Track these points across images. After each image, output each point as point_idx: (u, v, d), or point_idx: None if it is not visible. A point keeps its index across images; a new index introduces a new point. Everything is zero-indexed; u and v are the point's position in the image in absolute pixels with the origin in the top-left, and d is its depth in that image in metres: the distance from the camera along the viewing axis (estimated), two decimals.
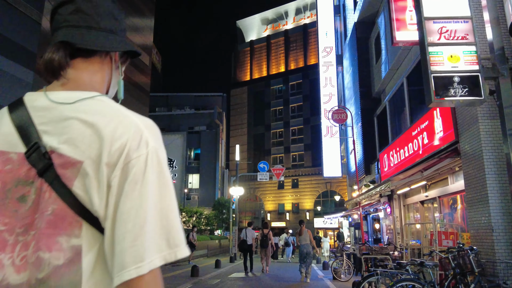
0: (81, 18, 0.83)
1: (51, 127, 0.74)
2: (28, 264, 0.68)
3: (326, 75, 21.36)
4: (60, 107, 0.76)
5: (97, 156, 0.70)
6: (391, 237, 12.90)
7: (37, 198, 0.71)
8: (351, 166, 19.36)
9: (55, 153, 0.72)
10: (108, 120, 0.73)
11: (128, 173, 0.69)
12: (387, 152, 12.15)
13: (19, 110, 0.78)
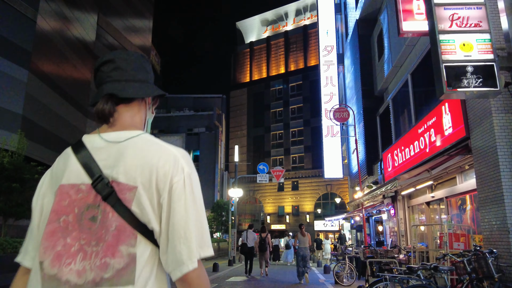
0: (120, 74, 1.07)
1: (109, 162, 0.97)
2: (98, 268, 0.90)
3: (327, 74, 20.94)
4: (114, 145, 0.99)
5: (148, 182, 0.94)
6: (395, 239, 12.45)
7: (103, 218, 0.93)
8: (353, 167, 18.91)
9: (115, 182, 0.95)
10: (153, 153, 0.97)
11: (172, 194, 0.94)
12: (391, 152, 11.72)
13: (82, 151, 1.01)
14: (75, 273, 0.90)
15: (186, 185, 0.95)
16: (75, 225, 0.95)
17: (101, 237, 0.92)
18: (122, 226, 0.92)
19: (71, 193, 0.97)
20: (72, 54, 23.60)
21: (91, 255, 0.91)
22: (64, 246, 0.93)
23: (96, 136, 1.03)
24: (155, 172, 0.94)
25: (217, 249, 27.04)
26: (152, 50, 58.58)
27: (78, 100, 24.34)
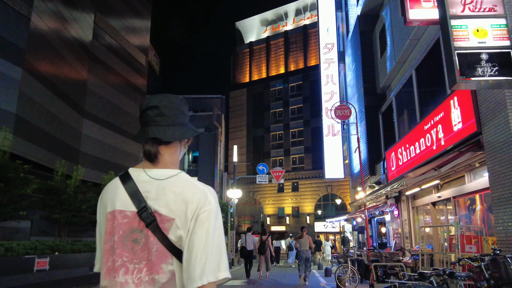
0: (163, 119, 1.24)
1: (152, 195, 1.17)
2: (142, 282, 1.11)
3: (328, 73, 20.49)
4: (157, 181, 1.18)
5: (183, 214, 1.13)
6: (399, 241, 11.99)
7: (146, 241, 1.13)
8: (354, 167, 18.46)
9: (157, 213, 1.14)
10: (188, 190, 1.16)
11: (197, 221, 1.12)
12: (395, 150, 11.27)
13: (129, 182, 1.20)
14: (119, 284, 1.12)
15: (210, 216, 1.14)
16: (119, 244, 1.15)
17: (144, 257, 1.13)
18: (161, 249, 1.13)
19: (118, 217, 1.17)
20: (69, 53, 23.18)
21: (133, 271, 1.12)
22: (112, 262, 1.15)
23: (141, 171, 1.23)
24: (189, 206, 1.14)
25: None
26: (151, 50, 58.16)
27: (74, 99, 23.92)
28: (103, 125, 27.79)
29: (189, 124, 1.31)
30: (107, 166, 27.44)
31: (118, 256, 1.14)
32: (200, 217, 1.12)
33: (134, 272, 1.12)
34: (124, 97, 31.24)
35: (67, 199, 9.97)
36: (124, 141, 30.10)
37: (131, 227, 1.15)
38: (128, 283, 1.11)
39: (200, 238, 1.10)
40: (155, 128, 1.23)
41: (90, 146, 26.03)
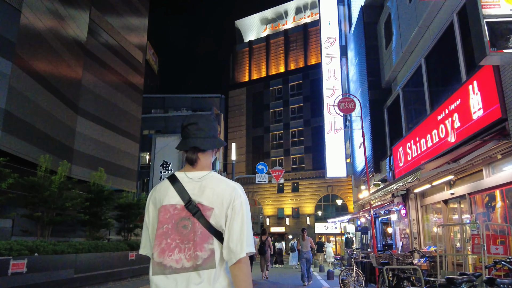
0: (201, 133, 1.62)
1: (195, 192, 1.55)
2: (191, 257, 1.47)
3: (329, 67, 19.77)
4: (196, 181, 1.57)
5: (220, 204, 1.52)
6: (406, 242, 11.26)
7: (192, 226, 1.50)
8: (357, 165, 17.73)
9: (200, 204, 1.52)
10: (221, 186, 1.55)
11: (233, 211, 1.51)
12: (403, 145, 10.54)
13: (177, 183, 1.58)
14: (174, 261, 1.49)
15: (242, 206, 1.55)
16: (173, 230, 1.53)
17: (191, 239, 1.50)
18: (204, 232, 1.51)
19: (170, 210, 1.55)
20: (63, 49, 22.43)
21: (184, 249, 1.49)
22: (166, 244, 1.51)
23: (183, 174, 1.62)
24: (223, 198, 1.54)
25: None
26: (149, 49, 57.49)
27: (68, 96, 23.18)
28: (98, 123, 27.04)
29: (219, 137, 1.71)
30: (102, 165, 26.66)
31: (172, 240, 1.52)
32: (234, 208, 1.54)
33: (185, 250, 1.50)
34: (120, 94, 30.51)
35: (51, 196, 9.26)
36: (120, 139, 29.36)
37: (180, 216, 1.54)
38: (182, 259, 1.49)
39: (237, 223, 1.52)
40: (195, 140, 1.62)
41: (84, 144, 25.27)
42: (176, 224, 1.51)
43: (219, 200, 1.52)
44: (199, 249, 1.47)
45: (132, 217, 14.66)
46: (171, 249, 1.49)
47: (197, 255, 1.47)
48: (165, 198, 1.55)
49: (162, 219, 1.53)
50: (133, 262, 12.67)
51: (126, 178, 29.76)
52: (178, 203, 1.53)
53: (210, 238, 1.50)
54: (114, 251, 11.49)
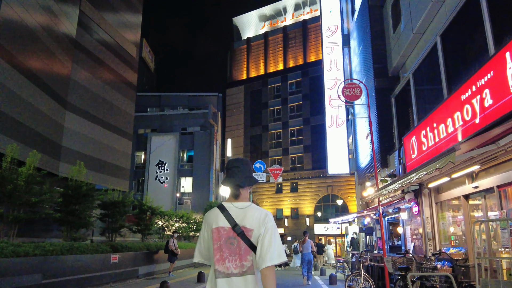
0: (241, 173, 2.19)
1: (239, 217, 2.10)
2: (238, 266, 2.05)
3: (331, 58, 18.62)
4: (240, 209, 2.12)
5: (257, 227, 2.08)
6: (419, 243, 10.09)
7: (237, 244, 2.06)
8: (361, 161, 16.58)
9: (243, 227, 2.07)
10: (257, 214, 2.11)
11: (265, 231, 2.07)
12: (416, 134, 9.39)
13: (225, 211, 2.13)
14: (225, 268, 2.06)
15: (272, 228, 2.12)
16: (223, 246, 2.09)
17: (237, 252, 2.05)
18: (246, 248, 2.06)
19: (221, 231, 2.11)
20: (50, 41, 21.25)
21: (232, 260, 2.04)
22: (220, 256, 2.08)
23: (230, 204, 2.19)
24: (259, 221, 2.10)
25: None
26: (145, 47, 56.33)
27: (56, 90, 21.99)
28: (89, 118, 25.84)
29: (254, 176, 2.32)
30: (92, 162, 25.50)
31: (224, 253, 2.10)
32: (266, 229, 2.11)
33: (233, 261, 2.08)
34: (113, 90, 29.31)
35: (16, 190, 8.07)
36: (112, 136, 28.15)
37: (228, 236, 2.12)
38: (231, 267, 2.08)
39: (267, 240, 2.08)
40: (237, 179, 2.22)
41: (73, 140, 24.07)
42: (225, 241, 2.12)
43: (255, 224, 2.12)
44: (244, 260, 2.10)
45: (117, 216, 13.47)
46: (223, 259, 2.11)
47: (243, 264, 2.10)
48: (216, 222, 2.17)
49: (215, 237, 2.15)
50: (116, 265, 11.48)
51: (118, 176, 28.54)
52: (226, 226, 2.14)
53: (250, 252, 2.11)
54: (92, 253, 10.30)
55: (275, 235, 2.10)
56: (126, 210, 13.63)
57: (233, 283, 2.05)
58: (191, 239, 24.35)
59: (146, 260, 13.87)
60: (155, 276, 14.63)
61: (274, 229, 2.13)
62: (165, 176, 44.91)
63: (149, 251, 14.29)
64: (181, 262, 18.40)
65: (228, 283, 2.05)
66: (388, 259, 6.77)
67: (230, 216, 2.12)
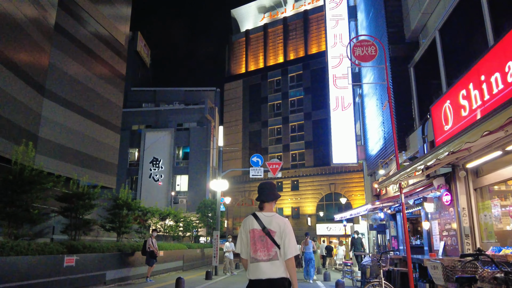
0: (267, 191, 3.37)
1: (267, 223, 3.23)
2: (266, 255, 3.13)
3: (335, 32, 16.41)
4: (267, 217, 3.25)
5: (279, 230, 3.19)
6: (453, 242, 7.86)
7: (266, 240, 3.17)
8: (371, 148, 14.34)
9: (270, 230, 3.19)
10: (279, 221, 3.24)
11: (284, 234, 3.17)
12: (451, 97, 7.16)
13: (258, 218, 3.26)
14: (258, 256, 3.10)
15: (289, 232, 3.18)
16: (257, 241, 3.16)
17: (265, 246, 3.11)
18: (271, 243, 3.11)
19: (255, 232, 3.18)
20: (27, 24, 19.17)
21: (262, 251, 3.10)
22: (254, 248, 3.15)
23: (261, 213, 3.27)
24: (280, 226, 3.16)
25: (201, 257, 22.38)
26: (140, 41, 54.26)
27: (30, 74, 19.86)
28: (70, 108, 23.64)
29: (276, 193, 3.40)
30: (74, 156, 23.38)
31: (257, 246, 3.12)
32: (285, 231, 3.13)
33: (262, 251, 3.08)
34: (98, 79, 27.12)
35: None
36: (97, 128, 25.97)
37: (260, 235, 3.14)
38: (261, 255, 3.07)
39: (287, 240, 3.10)
40: (264, 196, 3.32)
41: (51, 131, 21.88)
42: (258, 238, 3.16)
43: (278, 228, 3.16)
44: (269, 251, 3.11)
45: (82, 210, 11.28)
46: (256, 250, 3.14)
47: (269, 254, 3.10)
48: (251, 225, 3.23)
49: (252, 236, 3.19)
50: (72, 269, 9.27)
51: (104, 172, 26.33)
52: (258, 228, 3.18)
53: (275, 246, 3.12)
54: (35, 254, 8.10)
55: (291, 237, 3.17)
56: (92, 203, 11.43)
57: (261, 266, 3.08)
58: (181, 240, 22.13)
59: (117, 263, 11.67)
60: (130, 281, 12.42)
61: (290, 232, 3.20)
62: (159, 174, 42.74)
63: (122, 253, 12.09)
64: (167, 265, 16.20)
65: (258, 266, 3.09)
66: (437, 264, 4.50)
67: (261, 221, 3.21)
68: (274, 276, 3.00)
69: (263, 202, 3.32)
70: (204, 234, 30.74)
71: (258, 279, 3.02)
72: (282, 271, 3.04)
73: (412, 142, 10.34)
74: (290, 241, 3.10)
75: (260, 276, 3.02)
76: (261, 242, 3.13)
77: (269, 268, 3.03)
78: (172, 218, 20.27)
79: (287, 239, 3.09)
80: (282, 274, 3.03)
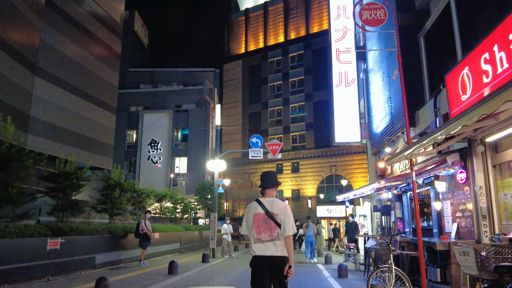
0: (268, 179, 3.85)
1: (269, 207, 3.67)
2: (270, 235, 3.59)
3: (339, 3, 15.47)
4: (269, 201, 3.71)
5: (281, 212, 3.64)
6: (467, 223, 7.20)
7: (269, 223, 3.62)
8: (375, 126, 13.60)
9: (272, 212, 3.64)
10: (280, 204, 3.69)
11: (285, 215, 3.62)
12: (470, 63, 6.39)
13: (261, 203, 3.70)
14: (262, 237, 3.55)
15: (289, 213, 3.63)
16: (261, 223, 3.59)
17: (269, 228, 3.55)
18: (274, 225, 3.56)
19: (259, 215, 3.63)
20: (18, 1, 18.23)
21: (266, 232, 3.54)
22: (258, 230, 3.59)
23: (263, 199, 3.71)
24: (281, 209, 3.61)
25: (199, 239, 21.92)
26: (138, 21, 52.86)
27: (21, 51, 19.02)
28: (63, 87, 22.81)
29: (277, 181, 3.89)
30: (68, 137, 22.70)
31: (261, 228, 3.56)
32: (286, 213, 3.57)
33: (266, 233, 3.54)
34: (93, 58, 26.19)
35: None
36: (91, 108, 25.18)
37: (264, 218, 3.57)
38: (266, 236, 3.53)
39: (286, 220, 3.55)
40: (266, 183, 3.76)
41: (44, 111, 21.13)
42: (262, 221, 3.58)
43: (279, 210, 3.58)
44: (273, 232, 3.53)
45: (69, 191, 10.64)
46: (260, 231, 3.55)
47: (272, 234, 3.52)
48: (255, 209, 3.65)
49: (256, 219, 3.61)
50: (57, 253, 8.68)
51: (99, 153, 25.67)
52: (262, 212, 3.60)
53: (277, 227, 3.53)
54: (14, 236, 7.49)
55: (290, 218, 3.62)
56: (81, 183, 10.78)
57: (265, 246, 3.54)
58: (178, 222, 21.63)
59: (108, 246, 11.10)
60: (122, 265, 11.88)
61: (290, 214, 3.66)
62: (158, 156, 42.14)
63: (114, 235, 11.51)
64: (163, 247, 15.70)
65: (261, 246, 3.56)
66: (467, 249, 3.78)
67: (264, 206, 3.64)
68: (275, 254, 3.51)
69: (264, 189, 3.80)
70: (203, 216, 30.31)
71: (262, 255, 3.54)
72: (282, 250, 3.54)
73: (422, 117, 9.61)
74: (289, 221, 3.60)
75: (263, 253, 3.54)
76: (265, 224, 3.61)
77: (272, 247, 3.53)
78: (169, 200, 19.68)
79: (286, 219, 3.60)
80: (282, 253, 3.53)
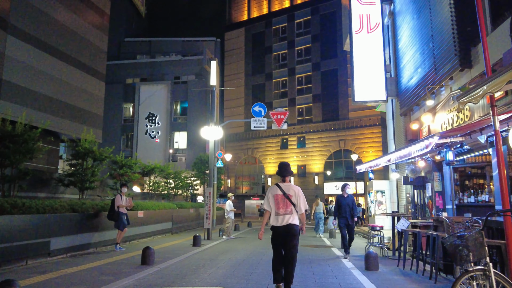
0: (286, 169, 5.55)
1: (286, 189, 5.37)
2: (286, 210, 5.27)
3: None
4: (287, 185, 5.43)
5: (294, 194, 5.35)
6: None
7: (286, 201, 5.31)
8: (404, 80, 11.03)
9: (288, 194, 5.34)
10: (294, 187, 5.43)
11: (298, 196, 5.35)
12: None
13: (280, 186, 5.41)
14: (281, 212, 5.22)
15: (301, 195, 5.35)
16: (280, 202, 5.25)
17: (286, 205, 5.23)
18: (289, 203, 5.24)
19: (278, 196, 5.30)
20: None
21: (283, 208, 5.21)
22: (278, 206, 5.25)
23: (282, 183, 5.41)
24: (295, 191, 5.31)
25: (196, 217, 19.73)
26: None
27: None
28: (41, 48, 20.25)
29: (292, 171, 5.71)
30: (46, 103, 20.32)
31: (280, 205, 5.21)
32: (299, 195, 5.28)
33: (283, 208, 5.19)
34: (77, 17, 23.46)
35: None
36: (76, 74, 22.66)
37: (282, 197, 5.24)
38: (283, 211, 5.20)
39: (300, 201, 5.26)
40: (285, 173, 5.42)
41: (19, 73, 18.65)
42: (281, 199, 5.17)
43: (294, 193, 5.21)
44: (288, 207, 5.15)
45: (18, 157, 8.27)
46: (279, 207, 5.14)
47: (287, 209, 5.13)
48: (275, 191, 5.25)
49: (276, 199, 5.21)
50: None
51: (87, 124, 23.25)
52: (280, 193, 5.20)
53: (291, 205, 5.15)
54: None
55: (303, 198, 5.22)
56: (30, 147, 8.40)
57: (282, 217, 5.08)
58: (172, 199, 19.38)
59: (70, 227, 8.80)
60: (90, 250, 9.62)
61: (302, 195, 5.25)
62: (156, 130, 39.78)
63: (80, 214, 9.19)
64: (150, 227, 13.47)
65: (279, 217, 5.09)
66: None
67: (282, 189, 5.20)
68: (290, 222, 5.11)
69: (284, 177, 5.38)
70: (202, 193, 28.21)
71: (279, 226, 5.11)
72: (294, 219, 5.17)
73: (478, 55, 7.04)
74: (302, 201, 5.26)
75: (281, 223, 5.11)
76: (283, 202, 5.18)
77: (287, 218, 5.11)
78: (159, 174, 17.36)
79: (300, 200, 5.25)
80: (295, 222, 5.16)
